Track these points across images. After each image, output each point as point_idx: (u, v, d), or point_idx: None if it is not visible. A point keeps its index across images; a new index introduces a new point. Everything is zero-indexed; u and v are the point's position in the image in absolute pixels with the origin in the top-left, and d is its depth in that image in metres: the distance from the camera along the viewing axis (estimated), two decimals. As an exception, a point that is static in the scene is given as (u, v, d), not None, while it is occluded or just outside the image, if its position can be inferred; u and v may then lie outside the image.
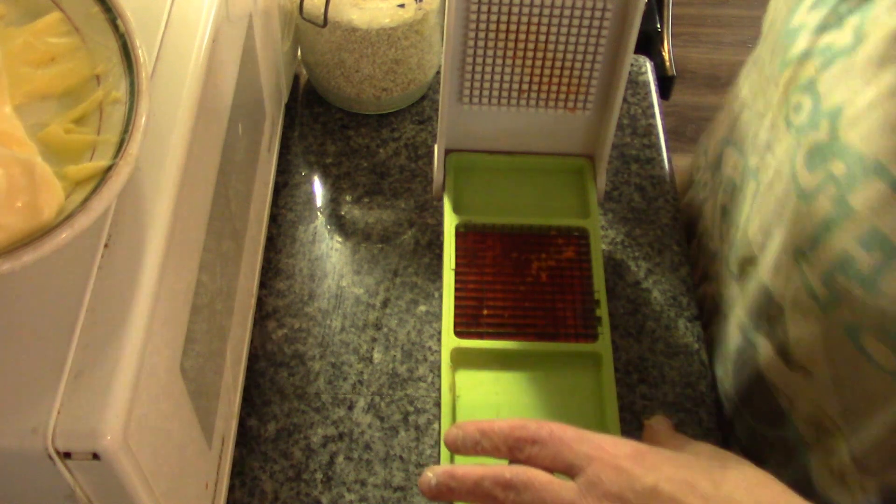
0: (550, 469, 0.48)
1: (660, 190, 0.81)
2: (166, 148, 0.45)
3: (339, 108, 0.86)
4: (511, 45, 0.65)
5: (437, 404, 0.67)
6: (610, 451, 0.48)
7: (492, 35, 0.65)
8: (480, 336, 0.64)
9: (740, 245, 0.67)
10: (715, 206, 0.75)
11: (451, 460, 0.59)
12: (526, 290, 0.66)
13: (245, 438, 0.66)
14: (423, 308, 0.73)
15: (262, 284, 0.73)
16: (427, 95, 0.87)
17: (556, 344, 0.64)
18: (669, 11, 1.26)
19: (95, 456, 0.37)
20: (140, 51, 0.43)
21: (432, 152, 0.76)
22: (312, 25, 0.77)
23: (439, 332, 0.70)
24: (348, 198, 0.79)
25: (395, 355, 0.70)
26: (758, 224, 0.63)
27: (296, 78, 0.87)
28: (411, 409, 0.68)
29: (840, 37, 0.55)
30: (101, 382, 0.38)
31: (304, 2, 0.76)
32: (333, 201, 0.79)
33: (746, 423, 0.69)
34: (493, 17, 0.63)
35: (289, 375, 0.69)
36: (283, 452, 0.65)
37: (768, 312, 0.62)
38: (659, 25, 1.21)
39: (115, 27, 0.44)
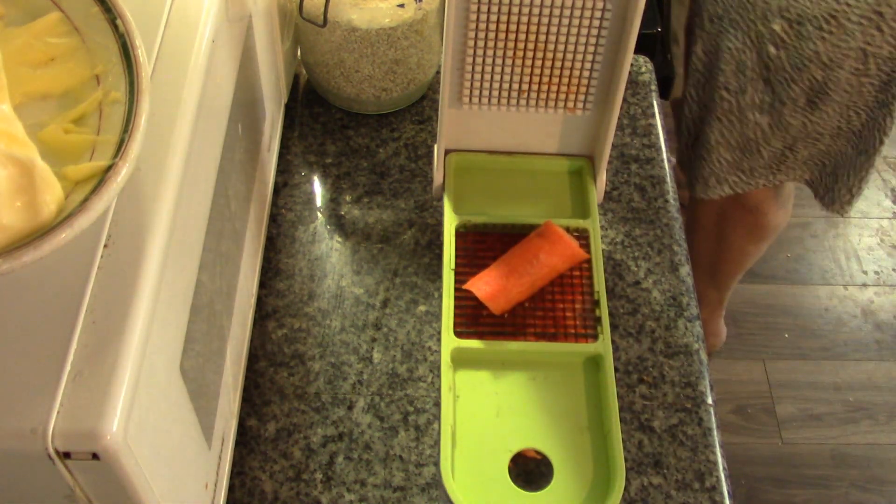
0: None
1: (660, 190, 0.81)
2: (166, 148, 0.45)
3: (338, 108, 0.86)
4: (511, 45, 0.65)
5: (437, 404, 0.67)
6: None
7: (492, 35, 0.64)
8: (480, 336, 0.64)
9: None
10: None
11: (452, 461, 0.59)
12: (526, 290, 0.66)
13: (245, 438, 0.66)
14: (423, 308, 0.73)
15: (262, 284, 0.73)
16: (427, 95, 0.87)
17: (556, 344, 0.64)
18: (669, 11, 1.26)
19: (95, 456, 0.37)
20: (140, 51, 0.43)
21: (432, 152, 0.76)
22: (312, 25, 0.77)
23: (439, 332, 0.70)
24: (348, 198, 0.79)
25: (395, 355, 0.70)
26: None
27: (296, 78, 0.87)
28: (411, 409, 0.68)
29: None
30: (100, 382, 0.38)
31: (304, 2, 0.76)
32: (333, 201, 0.79)
33: None
34: (493, 17, 0.63)
35: (289, 375, 0.69)
36: (283, 452, 0.65)
37: None
38: (659, 25, 1.21)
39: (115, 27, 0.44)
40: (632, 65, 0.83)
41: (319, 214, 0.78)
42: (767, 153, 1.12)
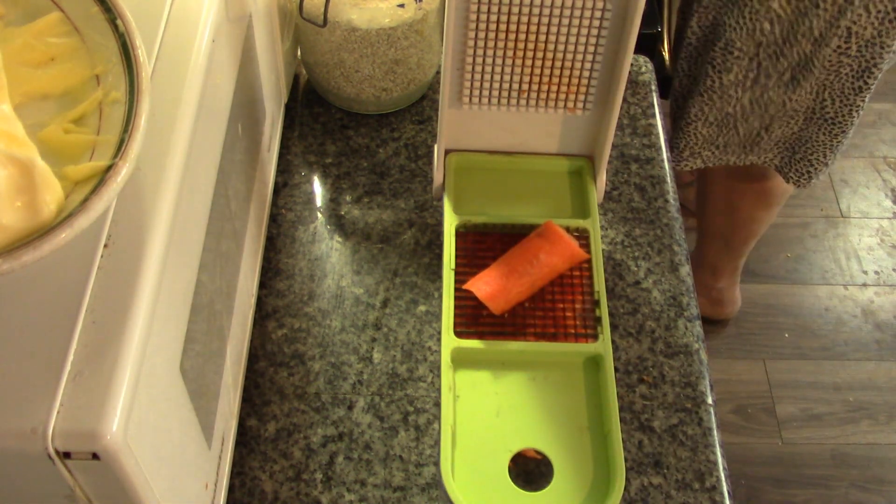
0: None
1: (660, 190, 0.81)
2: (166, 148, 0.45)
3: (339, 108, 0.86)
4: (511, 45, 0.65)
5: (437, 404, 0.67)
6: None
7: (492, 35, 0.64)
8: (480, 336, 0.64)
9: None
10: None
11: (452, 461, 0.59)
12: (526, 290, 0.66)
13: (245, 438, 0.66)
14: (423, 308, 0.73)
15: (262, 284, 0.73)
16: (427, 95, 0.87)
17: (556, 344, 0.64)
18: (669, 11, 1.26)
19: (95, 456, 0.37)
20: (140, 51, 0.43)
21: (432, 152, 0.76)
22: (312, 25, 0.77)
23: (439, 332, 0.70)
24: (348, 198, 0.79)
25: (395, 355, 0.70)
26: None
27: (296, 78, 0.87)
28: (411, 409, 0.68)
29: None
30: (100, 382, 0.38)
31: (304, 2, 0.76)
32: (333, 201, 0.79)
33: None
34: (493, 17, 0.63)
35: (289, 375, 0.69)
36: (283, 452, 0.65)
37: None
38: (659, 26, 1.21)
39: (115, 27, 0.44)
40: (632, 65, 0.83)
41: (319, 214, 0.78)
42: (743, 130, 1.14)
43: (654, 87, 0.89)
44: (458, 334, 0.63)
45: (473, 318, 0.65)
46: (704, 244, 1.50)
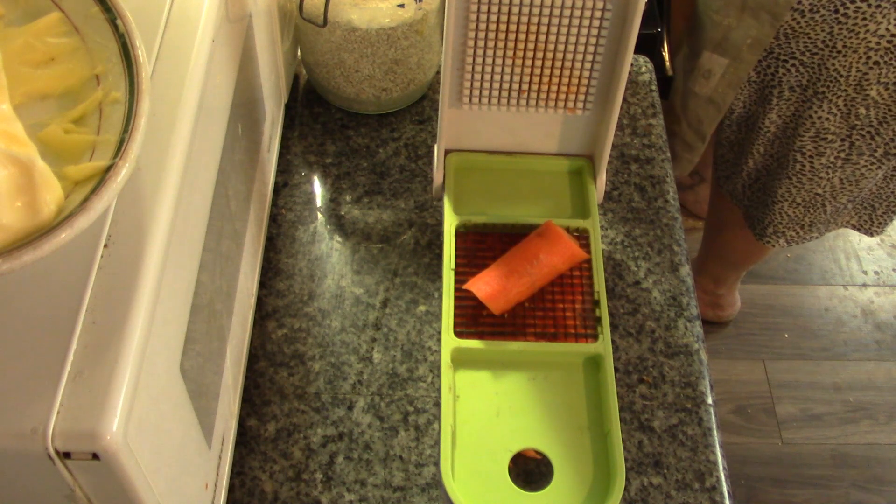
0: None
1: (660, 190, 0.81)
2: (166, 148, 0.45)
3: (338, 108, 0.86)
4: (511, 45, 0.65)
5: (437, 404, 0.67)
6: None
7: (492, 35, 0.64)
8: (480, 336, 0.64)
9: None
10: None
11: (452, 461, 0.59)
12: (526, 290, 0.66)
13: (245, 438, 0.66)
14: (423, 308, 0.73)
15: (262, 284, 0.73)
16: (427, 95, 0.87)
17: (556, 344, 0.64)
18: (669, 12, 1.26)
19: (95, 456, 0.37)
20: (140, 51, 0.43)
21: (432, 152, 0.76)
22: (312, 25, 0.77)
23: (439, 332, 0.70)
24: (348, 198, 0.79)
25: (395, 355, 0.70)
26: None
27: (296, 78, 0.87)
28: (411, 409, 0.68)
29: None
30: (100, 382, 0.38)
31: (304, 2, 0.76)
32: (333, 201, 0.79)
33: None
34: (493, 17, 0.63)
35: (289, 375, 0.69)
36: (283, 452, 0.65)
37: None
38: (659, 26, 1.21)
39: (115, 27, 0.44)
40: (632, 65, 0.83)
41: (319, 214, 0.78)
42: (831, 208, 1.14)
43: (654, 87, 0.89)
44: (458, 334, 0.63)
45: (473, 318, 0.65)
46: (710, 259, 1.50)
